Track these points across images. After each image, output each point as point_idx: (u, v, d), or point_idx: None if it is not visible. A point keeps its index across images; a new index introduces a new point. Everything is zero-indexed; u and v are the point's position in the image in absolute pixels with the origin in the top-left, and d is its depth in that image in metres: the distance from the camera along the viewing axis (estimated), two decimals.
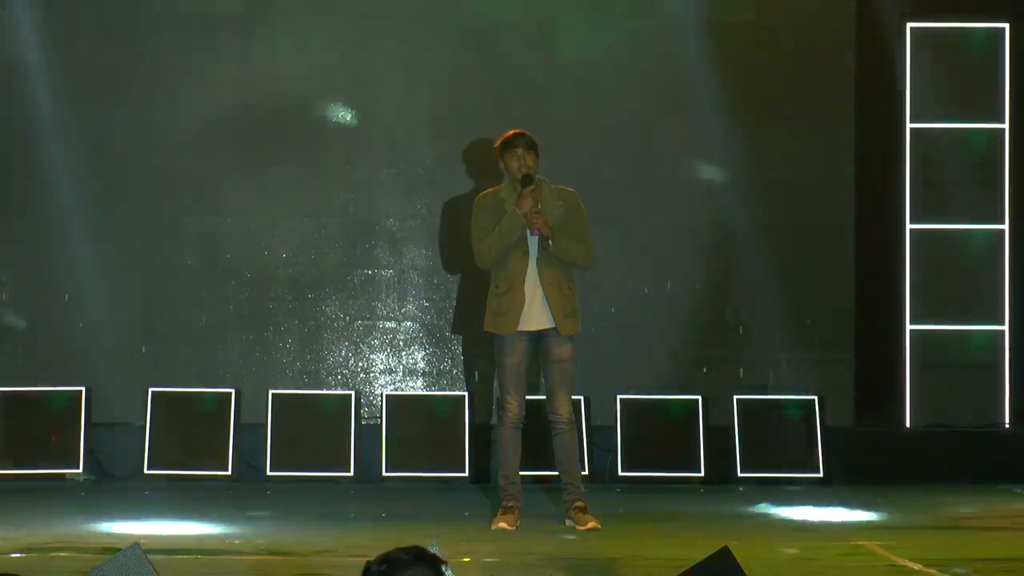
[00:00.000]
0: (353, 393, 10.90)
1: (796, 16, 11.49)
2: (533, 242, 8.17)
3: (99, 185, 11.39)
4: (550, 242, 8.12)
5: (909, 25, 11.45)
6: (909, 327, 11.34)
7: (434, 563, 3.76)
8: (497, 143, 8.36)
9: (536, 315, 8.17)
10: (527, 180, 8.16)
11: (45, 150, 11.40)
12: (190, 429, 10.81)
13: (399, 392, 11.17)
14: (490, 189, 8.49)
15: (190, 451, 10.77)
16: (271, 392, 10.95)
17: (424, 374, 11.47)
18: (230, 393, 10.89)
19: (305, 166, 11.46)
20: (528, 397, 8.42)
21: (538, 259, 8.18)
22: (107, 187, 11.41)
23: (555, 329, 8.18)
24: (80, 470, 10.70)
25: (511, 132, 8.38)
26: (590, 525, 8.12)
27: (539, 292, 8.17)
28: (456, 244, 11.42)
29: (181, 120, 11.41)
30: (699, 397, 10.93)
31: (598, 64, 11.47)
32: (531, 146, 8.25)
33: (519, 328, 8.16)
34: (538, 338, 8.22)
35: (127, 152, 11.41)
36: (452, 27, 11.51)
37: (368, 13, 11.50)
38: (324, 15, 11.50)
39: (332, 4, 11.51)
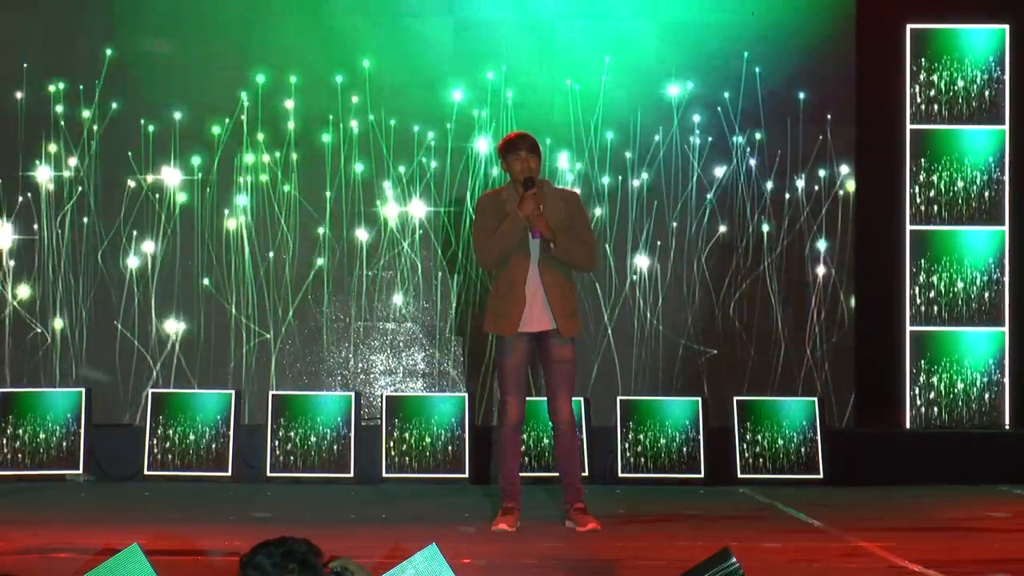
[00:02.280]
0: (353, 394, 10.90)
1: (796, 16, 11.49)
2: (535, 244, 8.16)
3: (100, 184, 11.40)
4: (552, 244, 8.11)
5: (909, 25, 11.45)
6: (909, 328, 11.35)
7: (307, 562, 3.74)
8: (500, 144, 8.36)
9: (537, 316, 8.17)
10: (529, 183, 8.16)
11: (46, 149, 11.41)
12: (190, 429, 10.81)
13: (399, 393, 11.17)
14: (492, 190, 8.49)
15: (190, 451, 10.77)
16: (271, 392, 10.96)
17: (424, 375, 11.47)
18: (230, 393, 10.90)
19: (306, 167, 11.47)
20: (528, 398, 8.41)
21: (539, 261, 8.17)
22: (108, 186, 11.42)
23: (556, 330, 8.17)
24: (80, 470, 10.71)
25: (514, 134, 8.38)
26: (590, 526, 8.12)
27: (540, 293, 8.16)
28: (457, 245, 11.42)
29: (181, 119, 11.42)
30: (699, 398, 10.94)
31: (599, 64, 11.48)
32: (534, 148, 8.25)
33: (520, 329, 8.15)
34: (539, 339, 8.22)
35: (128, 150, 11.41)
36: (456, 26, 11.51)
37: (375, 11, 11.51)
38: (327, 15, 11.51)
39: (338, 4, 11.52)
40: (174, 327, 11.38)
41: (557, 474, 8.49)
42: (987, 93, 11.44)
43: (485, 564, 6.83)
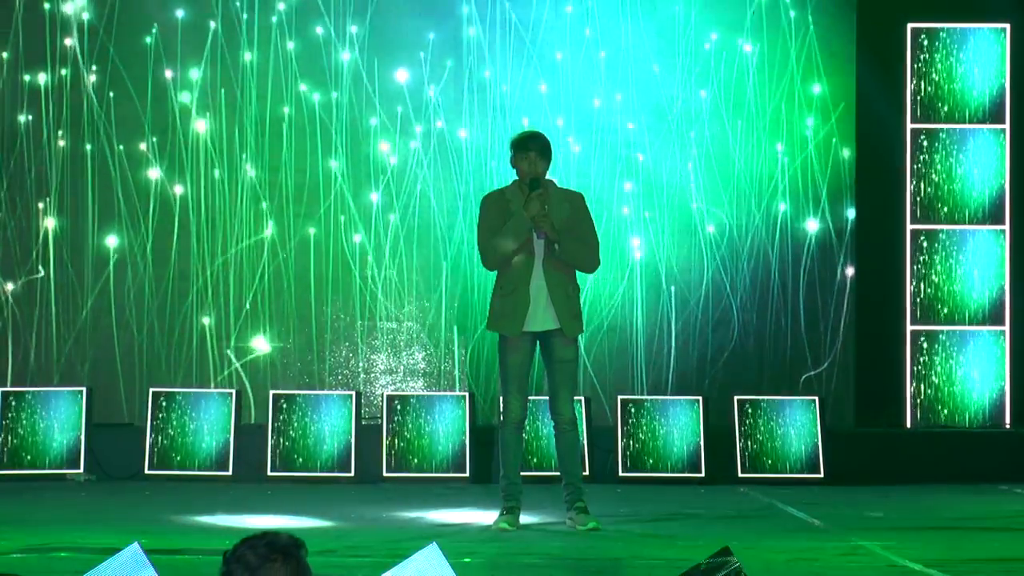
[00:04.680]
0: (353, 393, 10.90)
1: (796, 16, 11.49)
2: (539, 244, 8.15)
3: (103, 185, 11.41)
4: (556, 245, 8.11)
5: (909, 25, 11.45)
6: (909, 327, 11.34)
7: (290, 553, 3.73)
8: (513, 140, 8.32)
9: (541, 316, 8.16)
10: (534, 184, 8.15)
11: (50, 149, 11.42)
12: (190, 429, 10.81)
13: (399, 392, 11.17)
14: (496, 190, 8.48)
15: (190, 451, 10.77)
16: (271, 392, 10.95)
17: (424, 374, 11.47)
18: (230, 393, 10.90)
19: (306, 167, 11.47)
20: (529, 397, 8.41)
21: (544, 261, 8.16)
22: (111, 187, 11.42)
23: (560, 330, 8.16)
24: (80, 470, 10.70)
25: (526, 134, 8.36)
26: (591, 525, 8.11)
27: (544, 293, 8.16)
28: (458, 244, 11.42)
29: (185, 121, 11.43)
30: (699, 397, 10.93)
31: (605, 67, 11.49)
32: (544, 151, 8.23)
33: (524, 329, 8.15)
34: (542, 339, 8.21)
35: (129, 152, 11.42)
36: (456, 29, 11.52)
37: (381, 11, 11.52)
38: (331, 16, 11.51)
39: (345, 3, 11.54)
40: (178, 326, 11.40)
41: (558, 473, 8.49)
42: (987, 92, 11.44)
43: (485, 563, 6.83)
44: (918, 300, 11.36)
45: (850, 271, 11.45)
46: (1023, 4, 11.54)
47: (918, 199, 11.40)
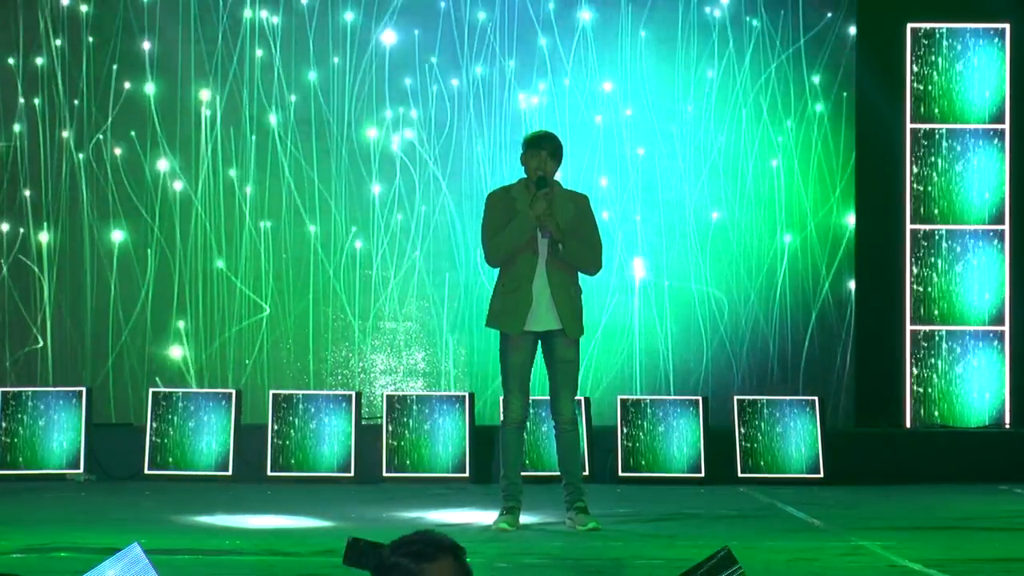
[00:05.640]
0: (353, 393, 10.90)
1: (796, 16, 11.50)
2: (543, 243, 8.15)
3: (102, 186, 11.41)
4: (560, 246, 8.11)
5: (909, 25, 11.45)
6: (909, 327, 11.35)
7: (458, 553, 3.64)
8: (526, 137, 8.31)
9: (543, 315, 8.16)
10: (541, 182, 8.14)
11: (50, 151, 11.43)
12: (190, 429, 10.80)
13: (399, 392, 11.16)
14: (501, 188, 8.47)
15: (190, 451, 10.77)
16: (271, 392, 10.95)
17: (424, 374, 11.47)
18: (230, 393, 10.89)
19: (306, 167, 11.47)
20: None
21: (547, 260, 8.16)
22: (111, 188, 11.42)
23: (562, 330, 8.16)
24: (80, 470, 10.70)
25: (540, 133, 8.36)
26: (591, 525, 8.11)
27: (547, 293, 8.16)
28: (458, 243, 11.42)
29: (186, 122, 11.44)
30: (699, 397, 10.93)
31: (609, 66, 11.49)
32: (555, 153, 8.22)
33: (526, 328, 8.14)
34: (543, 339, 8.21)
35: (131, 153, 11.42)
36: (455, 31, 11.52)
37: (381, 12, 11.52)
38: (336, 19, 11.52)
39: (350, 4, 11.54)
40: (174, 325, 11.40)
41: (558, 473, 8.49)
42: (987, 92, 11.44)
43: (485, 563, 6.83)
44: (918, 300, 11.36)
45: (852, 284, 11.44)
46: (1023, 4, 11.55)
47: (918, 199, 11.40)
